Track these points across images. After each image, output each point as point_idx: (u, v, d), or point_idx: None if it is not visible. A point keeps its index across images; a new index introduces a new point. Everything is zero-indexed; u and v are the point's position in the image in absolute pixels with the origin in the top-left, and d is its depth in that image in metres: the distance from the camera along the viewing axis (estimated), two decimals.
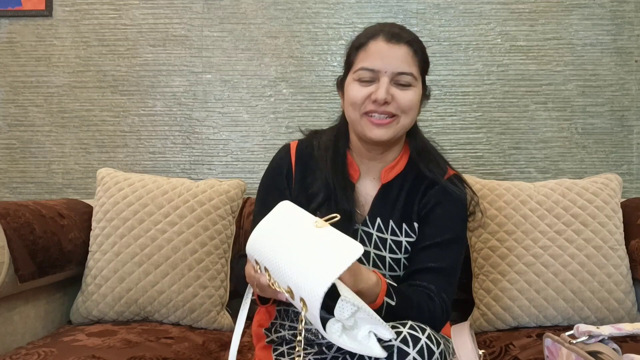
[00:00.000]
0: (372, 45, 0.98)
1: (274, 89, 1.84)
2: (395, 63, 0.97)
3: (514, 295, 1.37)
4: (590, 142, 1.81)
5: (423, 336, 0.81)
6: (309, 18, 1.84)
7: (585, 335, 0.81)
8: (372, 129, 0.99)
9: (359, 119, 1.00)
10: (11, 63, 1.87)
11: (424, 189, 1.05)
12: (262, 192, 1.12)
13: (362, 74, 0.98)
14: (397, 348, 0.79)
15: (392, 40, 0.98)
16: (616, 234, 1.42)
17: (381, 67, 0.97)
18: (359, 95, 0.98)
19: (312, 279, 0.71)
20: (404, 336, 0.80)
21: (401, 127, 1.00)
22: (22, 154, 1.88)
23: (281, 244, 0.78)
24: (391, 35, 0.98)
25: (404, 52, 0.97)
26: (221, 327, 1.44)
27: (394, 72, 0.97)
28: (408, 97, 0.98)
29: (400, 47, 0.97)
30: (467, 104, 1.82)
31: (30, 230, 1.32)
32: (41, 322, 1.44)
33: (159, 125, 1.86)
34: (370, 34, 1.00)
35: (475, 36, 1.82)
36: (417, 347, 0.79)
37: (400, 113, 0.99)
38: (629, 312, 1.38)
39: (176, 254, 1.43)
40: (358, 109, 0.99)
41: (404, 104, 0.98)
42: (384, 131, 0.99)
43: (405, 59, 0.97)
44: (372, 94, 0.97)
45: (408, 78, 0.98)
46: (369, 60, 0.98)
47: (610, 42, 1.80)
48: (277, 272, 0.76)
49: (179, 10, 1.85)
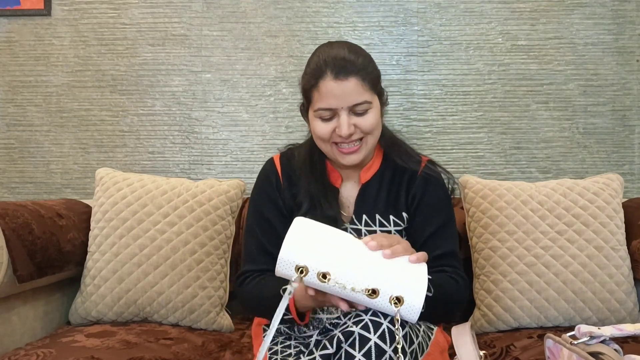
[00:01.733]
0: (322, 86, 1.04)
1: (273, 89, 1.84)
2: (348, 98, 1.03)
3: (515, 296, 1.37)
4: (592, 142, 1.80)
5: (385, 321, 0.83)
6: (309, 17, 1.83)
7: (586, 336, 0.81)
8: (344, 157, 1.08)
9: (329, 149, 1.09)
10: (10, 62, 1.87)
11: (407, 180, 1.14)
12: (255, 202, 1.19)
13: (322, 114, 1.05)
14: (358, 334, 0.82)
15: (339, 76, 1.02)
16: (618, 234, 1.41)
17: (336, 104, 1.03)
18: (324, 132, 1.06)
19: (410, 277, 0.83)
20: (365, 323, 0.83)
21: (370, 145, 1.09)
22: (21, 154, 1.87)
23: (350, 249, 0.85)
24: (337, 70, 1.02)
25: (353, 85, 1.02)
26: (220, 327, 1.43)
27: (349, 106, 1.03)
28: (369, 121, 1.05)
29: (349, 81, 1.02)
30: (468, 104, 1.81)
31: (28, 231, 1.31)
32: (40, 323, 1.43)
33: (158, 125, 1.85)
34: (318, 73, 1.04)
35: (476, 35, 1.81)
36: (378, 332, 0.82)
37: (365, 135, 1.07)
38: (631, 313, 1.38)
39: (175, 255, 1.43)
40: (327, 141, 1.08)
41: (367, 128, 1.06)
42: (355, 157, 1.08)
43: (357, 90, 1.03)
44: (336, 128, 1.04)
45: (364, 106, 1.04)
46: (324, 101, 1.04)
47: (611, 41, 1.79)
48: (352, 275, 0.82)
49: (178, 10, 1.84)
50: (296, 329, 1.06)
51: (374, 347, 0.81)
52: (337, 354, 0.83)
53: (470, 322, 1.17)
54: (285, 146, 1.26)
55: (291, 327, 1.06)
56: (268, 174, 1.20)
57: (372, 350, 0.81)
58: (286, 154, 1.22)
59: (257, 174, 1.26)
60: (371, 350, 0.80)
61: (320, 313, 1.05)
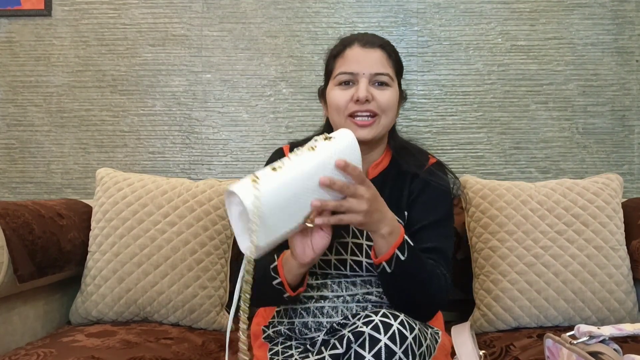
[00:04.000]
0: (348, 52, 1.08)
1: (273, 89, 1.84)
2: (371, 65, 1.06)
3: (515, 296, 1.37)
4: (591, 142, 1.80)
5: (395, 322, 0.82)
6: (309, 17, 1.83)
7: (586, 336, 0.81)
8: (357, 130, 1.05)
9: (343, 121, 1.07)
10: (10, 63, 1.87)
11: (409, 181, 1.13)
12: None
13: (341, 78, 1.07)
14: (368, 335, 0.81)
15: (366, 45, 1.07)
16: (617, 234, 1.41)
17: (359, 69, 1.06)
18: (341, 99, 1.07)
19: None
20: (375, 323, 0.82)
21: (382, 126, 1.08)
22: (21, 154, 1.87)
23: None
24: (365, 41, 1.08)
25: (378, 55, 1.07)
26: (221, 327, 1.44)
27: (371, 73, 1.06)
28: (386, 96, 1.07)
29: (375, 51, 1.07)
30: (467, 104, 1.82)
31: (29, 231, 1.31)
32: (40, 323, 1.43)
33: (158, 125, 1.86)
34: (346, 42, 1.10)
35: (476, 36, 1.81)
36: (389, 333, 0.81)
37: (381, 112, 1.06)
38: (630, 313, 1.38)
39: (175, 255, 1.43)
40: (342, 112, 1.07)
41: (383, 102, 1.06)
42: (367, 131, 1.06)
43: (381, 61, 1.07)
44: (354, 95, 1.05)
45: (385, 78, 1.07)
46: (347, 65, 1.07)
47: (611, 41, 1.79)
48: (299, 160, 0.85)
49: (178, 10, 1.85)
50: (297, 330, 1.05)
51: (384, 348, 0.80)
52: (346, 354, 0.83)
53: (470, 322, 1.16)
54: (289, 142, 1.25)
55: (292, 328, 1.06)
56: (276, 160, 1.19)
57: (382, 351, 0.80)
58: (295, 144, 1.19)
59: None
60: (381, 351, 0.80)
61: (320, 317, 1.04)
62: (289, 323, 1.06)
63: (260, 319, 1.15)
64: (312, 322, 1.04)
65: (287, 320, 1.07)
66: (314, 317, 1.04)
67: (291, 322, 1.05)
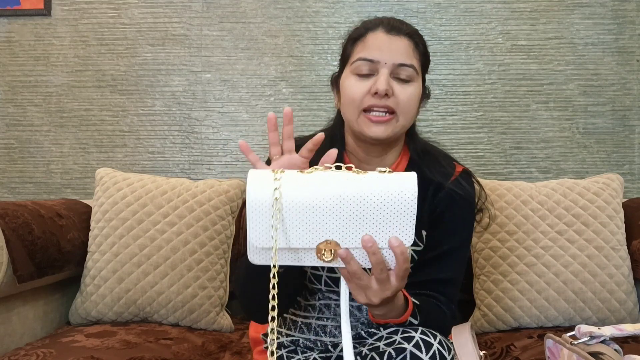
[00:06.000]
0: (370, 37, 0.94)
1: (273, 89, 1.84)
2: (395, 54, 0.92)
3: (515, 296, 1.37)
4: (592, 142, 1.80)
5: (435, 342, 0.81)
6: (309, 17, 1.83)
7: (586, 336, 0.80)
8: (371, 126, 0.93)
9: (356, 116, 0.94)
10: (10, 62, 1.87)
11: (432, 193, 0.99)
12: None
13: (359, 65, 0.93)
14: (410, 353, 0.79)
15: (392, 31, 0.93)
16: (618, 234, 1.41)
17: (380, 57, 0.91)
18: (357, 91, 0.92)
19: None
20: (416, 341, 0.80)
21: (400, 126, 0.95)
22: (21, 154, 1.87)
23: None
24: (391, 26, 0.94)
25: (404, 44, 0.93)
26: (220, 327, 1.43)
27: (394, 64, 0.92)
28: (408, 93, 0.93)
29: (401, 39, 0.93)
30: (468, 104, 1.81)
31: (28, 231, 1.31)
32: (40, 323, 1.43)
33: (158, 125, 1.85)
34: (369, 26, 0.96)
35: (476, 35, 1.81)
36: (430, 353, 0.79)
37: (399, 111, 0.93)
38: (631, 313, 1.38)
39: (175, 255, 1.42)
40: (357, 105, 0.93)
41: (403, 100, 0.92)
42: (382, 129, 0.93)
43: (406, 51, 0.93)
44: (372, 87, 0.91)
45: (409, 71, 0.92)
46: (368, 51, 0.92)
47: (611, 41, 1.79)
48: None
49: (178, 9, 1.84)
50: (301, 342, 1.01)
51: None
52: None
53: (470, 322, 1.16)
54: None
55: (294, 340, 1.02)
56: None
57: None
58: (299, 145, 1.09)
59: None
60: None
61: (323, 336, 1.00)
62: (287, 335, 1.02)
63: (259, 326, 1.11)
64: (315, 339, 1.00)
65: (286, 332, 1.03)
66: (316, 335, 1.00)
67: (290, 334, 1.02)
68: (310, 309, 1.01)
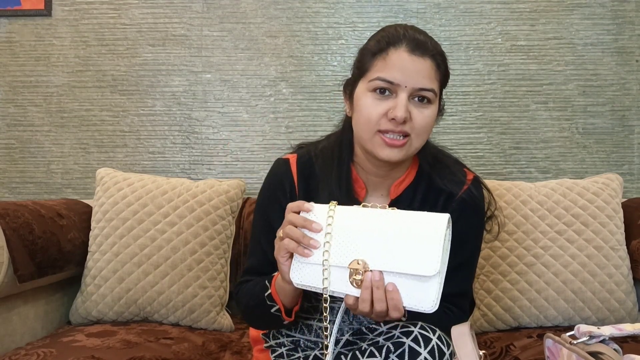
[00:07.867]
0: (392, 55, 0.90)
1: (273, 89, 1.84)
2: (417, 77, 0.89)
3: (515, 296, 1.37)
4: (591, 142, 1.80)
5: (434, 337, 0.82)
6: (309, 17, 1.83)
7: (586, 336, 0.80)
8: (384, 148, 0.91)
9: (371, 136, 0.91)
10: (10, 63, 1.87)
11: (444, 202, 0.98)
12: (262, 209, 1.04)
13: (378, 85, 0.90)
14: (408, 347, 0.80)
15: (416, 51, 0.89)
16: (617, 234, 1.41)
17: (401, 80, 0.88)
18: (374, 112, 0.90)
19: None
20: (415, 335, 0.81)
21: (413, 149, 0.93)
22: (21, 154, 1.87)
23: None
24: (415, 44, 0.90)
25: (427, 66, 0.90)
26: (221, 327, 1.44)
27: (414, 88, 0.89)
28: (425, 117, 0.91)
29: (425, 61, 0.90)
30: (467, 104, 1.82)
31: (29, 231, 1.31)
32: (40, 323, 1.43)
33: (158, 125, 1.86)
34: (392, 40, 0.91)
35: (476, 36, 1.81)
36: (428, 348, 0.80)
37: (414, 135, 0.91)
38: (630, 313, 1.38)
39: (176, 255, 1.43)
40: (372, 126, 0.91)
41: (420, 125, 0.90)
42: (396, 152, 0.91)
43: (428, 74, 0.90)
44: (390, 110, 0.89)
45: (429, 94, 0.90)
46: (388, 71, 0.89)
47: (611, 41, 1.79)
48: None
49: (178, 10, 1.85)
50: (302, 343, 1.01)
51: None
52: None
53: (470, 321, 1.16)
54: (298, 146, 1.10)
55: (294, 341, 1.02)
56: (281, 179, 1.02)
57: None
58: (304, 156, 1.04)
59: (257, 174, 1.25)
60: None
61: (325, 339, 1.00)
62: (287, 335, 1.02)
63: None
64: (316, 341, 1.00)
65: (286, 332, 1.03)
66: (317, 336, 1.00)
67: (290, 335, 1.02)
68: (312, 311, 1.00)
